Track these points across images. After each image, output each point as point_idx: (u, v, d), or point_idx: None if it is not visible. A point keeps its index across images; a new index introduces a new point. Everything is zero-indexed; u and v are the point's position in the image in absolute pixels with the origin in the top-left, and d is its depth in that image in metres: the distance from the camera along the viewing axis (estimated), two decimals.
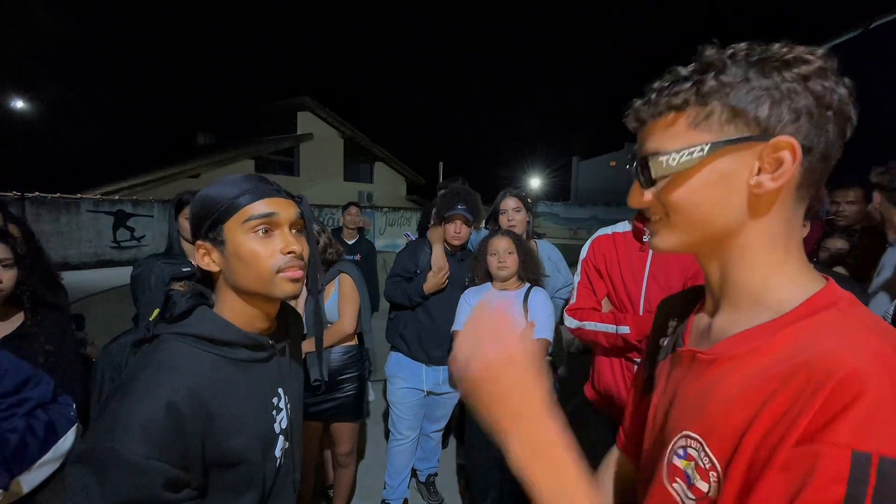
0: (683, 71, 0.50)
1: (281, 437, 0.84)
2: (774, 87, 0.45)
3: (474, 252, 2.40)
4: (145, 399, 0.65)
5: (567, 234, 20.86)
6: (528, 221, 2.28)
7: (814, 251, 2.20)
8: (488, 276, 1.95)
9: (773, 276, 0.50)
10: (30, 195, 9.45)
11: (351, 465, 2.09)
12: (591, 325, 1.63)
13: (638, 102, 0.53)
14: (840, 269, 2.04)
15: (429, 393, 2.24)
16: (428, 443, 2.40)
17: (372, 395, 3.58)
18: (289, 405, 0.87)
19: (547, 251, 2.31)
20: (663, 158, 0.50)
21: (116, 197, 11.13)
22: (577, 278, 1.76)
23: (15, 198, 9.18)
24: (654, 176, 0.51)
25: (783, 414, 0.41)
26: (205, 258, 0.76)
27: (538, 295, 1.89)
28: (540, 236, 2.41)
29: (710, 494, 0.47)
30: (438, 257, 2.12)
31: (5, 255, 1.26)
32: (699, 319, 0.59)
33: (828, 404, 0.39)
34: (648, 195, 0.53)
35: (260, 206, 0.74)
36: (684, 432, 0.51)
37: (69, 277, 2.11)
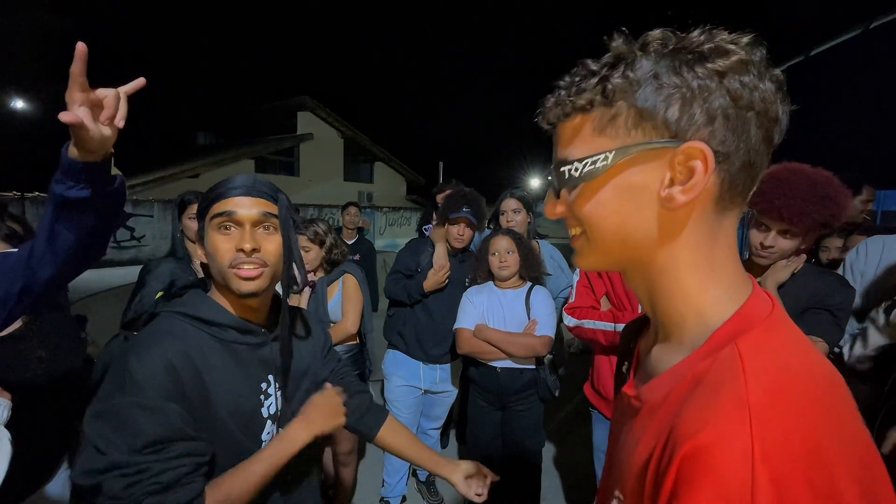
0: (593, 65, 0.43)
1: (269, 422, 0.87)
2: (685, 84, 0.39)
3: (476, 253, 2.41)
4: (145, 357, 0.72)
5: (567, 234, 20.83)
6: (530, 222, 2.29)
7: (813, 251, 2.20)
8: (490, 276, 1.96)
9: (697, 302, 0.44)
10: (30, 195, 9.45)
11: (351, 463, 2.10)
12: (589, 324, 1.63)
13: (548, 100, 0.46)
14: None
15: (426, 391, 2.25)
16: (426, 440, 2.39)
17: (372, 394, 3.60)
18: (279, 393, 0.90)
19: (549, 251, 2.31)
20: (565, 168, 0.44)
21: None
22: (576, 277, 1.76)
23: (15, 198, 9.18)
24: (558, 186, 0.46)
25: (656, 480, 0.39)
26: (198, 250, 0.85)
27: (540, 293, 1.90)
28: (542, 237, 2.42)
29: None
30: (440, 256, 2.13)
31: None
32: (644, 345, 0.54)
33: (675, 475, 0.36)
34: (561, 207, 0.48)
35: (223, 205, 0.80)
36: (615, 492, 0.48)
37: None
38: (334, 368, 1.07)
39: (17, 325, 1.33)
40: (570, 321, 1.70)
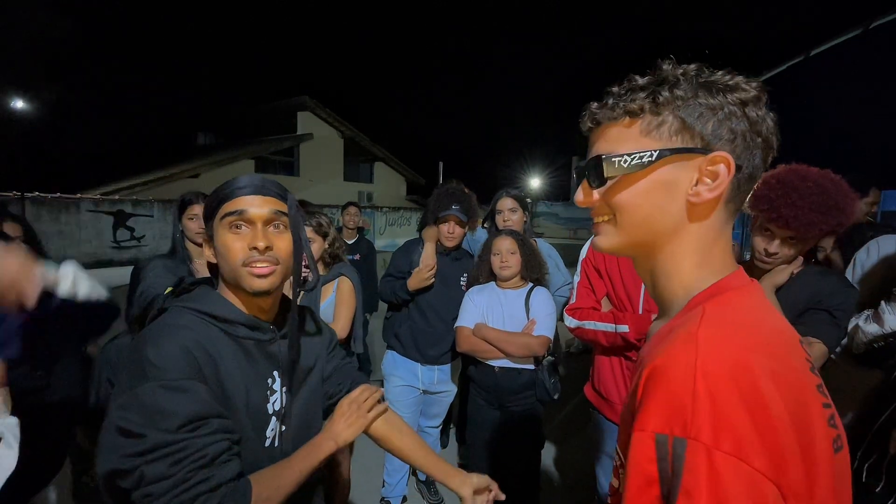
0: (641, 80, 0.53)
1: (273, 419, 0.87)
2: (720, 106, 0.49)
3: (469, 251, 2.41)
4: (162, 344, 0.72)
5: (567, 233, 20.86)
6: (526, 221, 2.28)
7: (812, 250, 2.20)
8: (492, 276, 1.97)
9: (686, 280, 0.53)
10: (30, 195, 9.44)
11: (345, 461, 2.09)
12: (590, 325, 1.63)
13: (594, 105, 0.56)
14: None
15: (425, 391, 2.25)
16: (425, 439, 2.38)
17: None
18: (284, 389, 0.90)
19: (546, 250, 2.31)
20: (616, 160, 0.52)
21: (116, 197, 11.13)
22: (576, 278, 1.76)
23: (15, 198, 9.17)
24: (605, 175, 0.53)
25: (631, 399, 0.48)
26: (206, 250, 0.84)
27: (540, 294, 1.90)
28: (539, 235, 2.42)
29: (620, 490, 0.50)
30: (428, 256, 2.12)
31: None
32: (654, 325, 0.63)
33: (641, 394, 0.45)
34: (596, 195, 0.56)
35: (233, 204, 0.80)
36: (616, 448, 0.54)
37: None
38: (338, 365, 1.07)
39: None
40: (571, 322, 1.69)
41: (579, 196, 0.58)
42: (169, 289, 0.85)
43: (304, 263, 0.91)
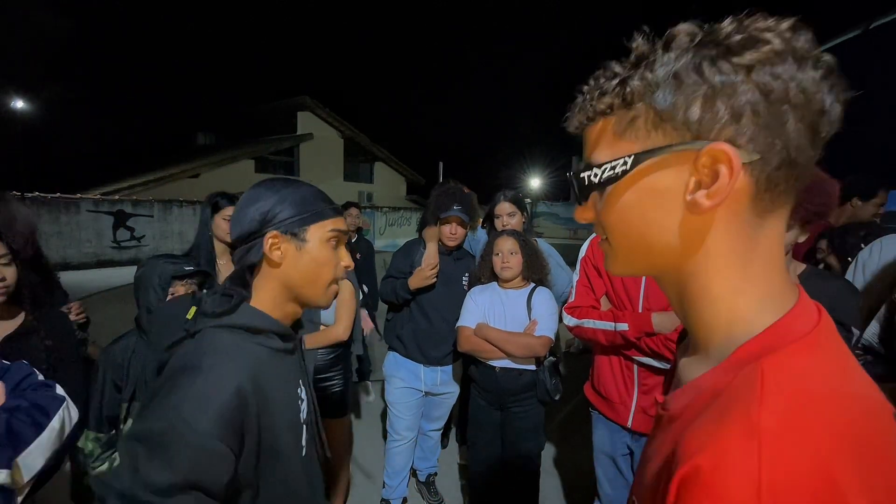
0: (616, 67, 0.42)
1: (304, 427, 0.88)
2: (706, 81, 0.36)
3: (470, 251, 2.41)
4: (217, 384, 0.67)
5: (567, 233, 20.87)
6: (525, 222, 2.28)
7: (811, 251, 2.20)
8: (494, 276, 1.97)
9: (726, 312, 0.41)
10: (30, 195, 9.45)
11: (344, 464, 2.09)
12: (589, 323, 1.63)
13: (575, 106, 0.46)
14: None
15: (427, 393, 2.24)
16: (427, 442, 2.40)
17: (372, 395, 3.60)
18: (307, 397, 0.92)
19: (546, 249, 2.31)
20: (585, 175, 0.43)
21: (116, 197, 11.13)
22: (575, 277, 1.76)
23: (15, 198, 9.18)
24: (580, 193, 0.45)
25: (659, 493, 0.37)
26: (274, 249, 0.78)
27: (542, 294, 1.90)
28: (539, 235, 2.42)
29: None
30: (430, 255, 2.12)
31: (2, 251, 1.24)
32: (681, 352, 0.52)
33: (677, 500, 0.34)
34: (590, 212, 0.46)
35: (339, 223, 0.84)
36: (632, 497, 0.47)
37: (69, 277, 2.11)
38: None
39: (21, 320, 1.33)
40: (569, 321, 1.70)
41: (576, 213, 0.49)
42: (193, 310, 0.80)
43: None
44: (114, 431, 1.40)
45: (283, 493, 0.79)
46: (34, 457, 1.01)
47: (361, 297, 2.55)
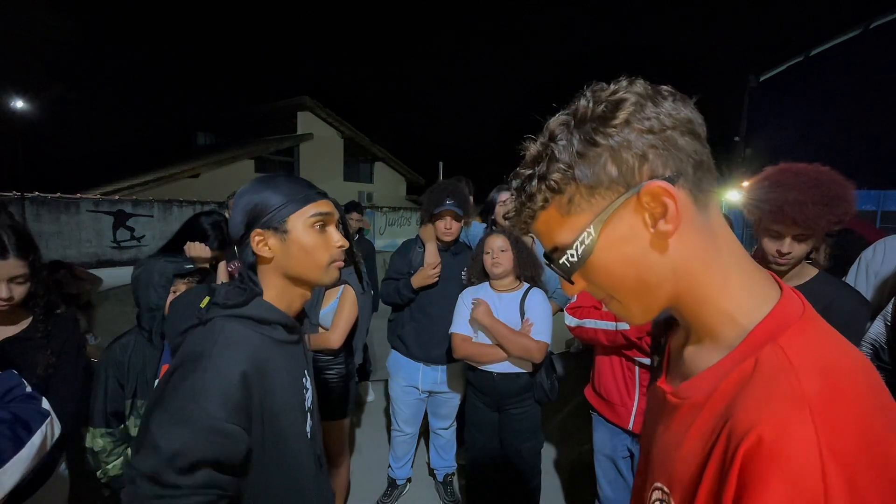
0: (525, 171, 0.49)
1: (308, 415, 0.92)
2: (605, 146, 0.44)
3: (467, 243, 2.40)
4: (223, 370, 0.74)
5: None
6: None
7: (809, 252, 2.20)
8: (485, 275, 1.95)
9: (724, 307, 0.47)
10: (30, 195, 9.44)
11: (344, 465, 2.09)
12: (590, 323, 1.63)
13: (510, 213, 0.52)
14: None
15: (430, 392, 2.25)
16: (438, 440, 2.39)
17: (372, 395, 3.59)
18: (312, 387, 0.97)
19: (541, 248, 2.31)
20: (565, 258, 0.49)
21: (116, 197, 11.13)
22: None
23: (15, 198, 9.17)
24: (566, 275, 0.50)
25: (719, 474, 0.40)
26: (261, 246, 0.84)
27: (536, 296, 1.88)
28: None
29: None
30: (431, 255, 2.12)
31: (22, 270, 1.22)
32: (676, 343, 0.58)
33: (743, 477, 0.37)
34: (580, 283, 0.51)
35: (321, 206, 0.87)
36: (656, 483, 0.50)
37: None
38: None
39: (25, 325, 1.31)
40: (571, 321, 1.69)
41: (567, 290, 0.53)
42: (206, 300, 0.86)
43: None
44: (122, 426, 1.43)
45: (290, 475, 0.84)
46: (10, 474, 1.00)
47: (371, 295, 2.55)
